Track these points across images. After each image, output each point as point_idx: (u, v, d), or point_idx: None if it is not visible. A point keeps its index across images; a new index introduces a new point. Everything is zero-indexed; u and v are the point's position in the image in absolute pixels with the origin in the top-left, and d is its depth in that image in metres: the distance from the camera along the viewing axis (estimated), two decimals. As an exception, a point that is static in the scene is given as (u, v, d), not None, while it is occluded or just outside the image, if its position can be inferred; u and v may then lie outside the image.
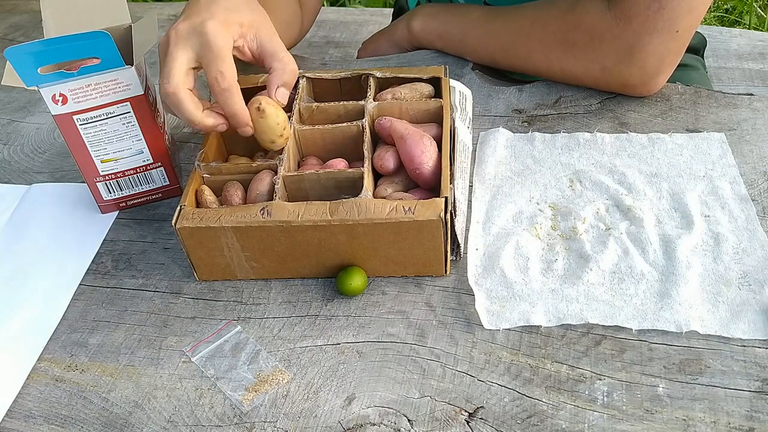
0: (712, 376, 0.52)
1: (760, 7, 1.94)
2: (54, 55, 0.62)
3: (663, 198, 0.66)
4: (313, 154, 0.70)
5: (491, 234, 0.64)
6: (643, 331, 0.56)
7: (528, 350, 0.56)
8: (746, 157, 0.70)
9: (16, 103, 0.93)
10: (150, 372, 0.58)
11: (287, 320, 0.60)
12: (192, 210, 0.61)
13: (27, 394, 0.57)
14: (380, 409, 0.53)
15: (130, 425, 0.54)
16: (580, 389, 0.53)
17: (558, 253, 0.62)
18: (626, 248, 0.61)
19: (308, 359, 0.57)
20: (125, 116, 0.67)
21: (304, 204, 0.60)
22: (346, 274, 0.60)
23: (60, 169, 0.81)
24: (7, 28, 1.13)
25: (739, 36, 0.88)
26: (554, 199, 0.67)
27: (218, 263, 0.63)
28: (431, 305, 0.60)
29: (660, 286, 0.58)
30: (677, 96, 0.78)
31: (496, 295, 0.59)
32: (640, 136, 0.73)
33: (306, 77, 0.75)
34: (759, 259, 0.59)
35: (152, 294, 0.64)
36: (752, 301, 0.56)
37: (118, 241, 0.70)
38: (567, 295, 0.58)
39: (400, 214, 0.58)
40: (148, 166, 0.71)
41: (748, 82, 0.80)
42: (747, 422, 0.49)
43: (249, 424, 0.53)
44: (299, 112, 0.71)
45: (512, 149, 0.73)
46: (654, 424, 0.50)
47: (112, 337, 0.61)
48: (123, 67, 0.64)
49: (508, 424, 0.51)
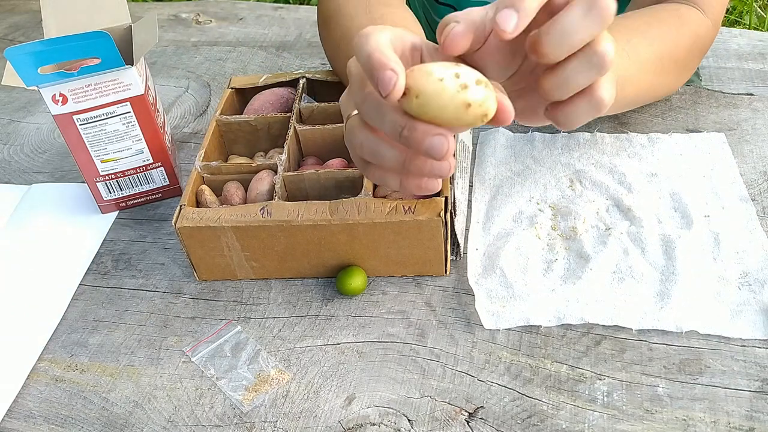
0: (712, 376, 0.52)
1: (760, 7, 1.94)
2: (54, 55, 0.62)
3: (663, 198, 0.66)
4: (313, 154, 0.70)
5: (491, 234, 0.64)
6: (643, 331, 0.56)
7: (528, 350, 0.56)
8: (746, 157, 0.70)
9: (16, 103, 0.93)
10: (150, 372, 0.58)
11: (287, 320, 0.60)
12: (192, 210, 0.61)
13: (27, 394, 0.57)
14: (380, 409, 0.53)
15: (130, 425, 0.54)
16: (580, 389, 0.53)
17: (558, 253, 0.62)
18: (626, 248, 0.61)
19: (308, 359, 0.57)
20: (125, 116, 0.67)
21: (304, 204, 0.60)
22: (346, 274, 0.60)
23: (60, 169, 0.81)
24: (7, 28, 1.13)
25: (739, 36, 0.88)
26: (554, 199, 0.67)
27: (218, 263, 0.63)
28: (431, 305, 0.60)
29: (660, 286, 0.58)
30: (677, 96, 0.78)
31: (496, 295, 0.59)
32: (640, 136, 0.73)
33: (306, 77, 0.75)
34: (759, 259, 0.59)
35: (152, 294, 0.64)
36: (752, 301, 0.56)
37: (118, 241, 0.70)
38: (567, 295, 0.58)
39: (400, 213, 0.58)
40: (148, 166, 0.71)
41: (748, 82, 0.80)
42: (747, 422, 0.49)
43: (249, 424, 0.53)
44: (299, 112, 0.71)
45: (512, 149, 0.73)
46: (654, 424, 0.50)
47: (112, 337, 0.61)
48: (123, 67, 0.64)
49: (508, 424, 0.51)
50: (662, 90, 0.71)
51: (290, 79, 0.75)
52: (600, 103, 0.45)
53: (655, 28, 0.65)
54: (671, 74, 0.69)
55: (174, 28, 1.07)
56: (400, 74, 0.41)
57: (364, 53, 0.43)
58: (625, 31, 0.64)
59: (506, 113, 0.43)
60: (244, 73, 0.94)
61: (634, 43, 0.63)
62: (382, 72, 0.41)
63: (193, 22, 1.08)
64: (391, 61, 0.42)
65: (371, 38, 0.43)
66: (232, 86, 0.75)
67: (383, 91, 0.41)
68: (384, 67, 0.41)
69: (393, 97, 0.42)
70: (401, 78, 0.41)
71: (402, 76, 0.42)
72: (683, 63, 0.69)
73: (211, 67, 0.96)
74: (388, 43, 0.44)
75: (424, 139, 0.43)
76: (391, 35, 0.45)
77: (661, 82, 0.69)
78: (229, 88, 0.75)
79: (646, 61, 0.64)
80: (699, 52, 0.70)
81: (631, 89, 0.64)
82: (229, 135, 0.72)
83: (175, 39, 1.04)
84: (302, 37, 1.01)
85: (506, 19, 0.41)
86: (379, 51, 0.42)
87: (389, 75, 0.41)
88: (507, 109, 0.43)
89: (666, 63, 0.66)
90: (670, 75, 0.69)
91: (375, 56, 0.42)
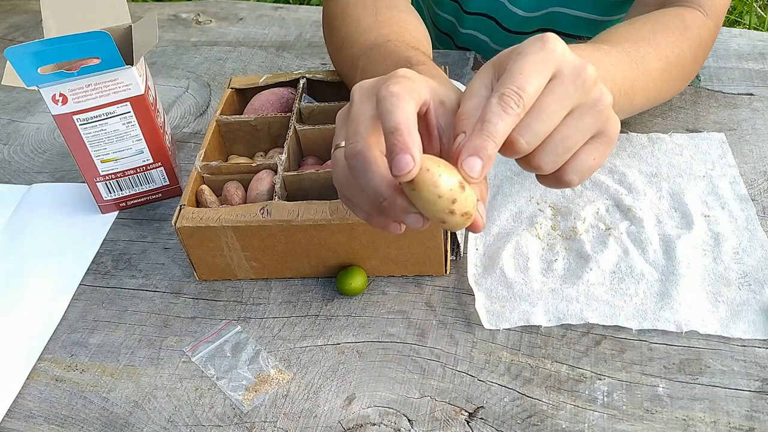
0: (712, 376, 0.52)
1: (760, 7, 1.94)
2: (54, 55, 0.62)
3: (663, 198, 0.66)
4: (313, 154, 0.70)
5: (491, 234, 0.64)
6: (643, 331, 0.56)
7: (528, 350, 0.56)
8: (746, 157, 0.70)
9: (16, 103, 0.93)
10: (150, 372, 0.58)
11: (287, 320, 0.60)
12: (192, 210, 0.61)
13: (27, 394, 0.57)
14: (380, 409, 0.53)
15: (130, 425, 0.54)
16: (580, 389, 0.53)
17: (558, 253, 0.62)
18: (626, 248, 0.61)
19: (308, 359, 0.57)
20: (125, 116, 0.67)
21: (304, 203, 0.60)
22: (346, 274, 0.60)
23: (60, 169, 0.81)
24: (7, 28, 1.13)
25: (739, 36, 0.88)
26: (554, 199, 0.67)
27: (218, 263, 0.63)
28: (431, 305, 0.60)
29: (660, 286, 0.58)
30: (677, 96, 0.78)
31: (496, 295, 0.59)
32: (640, 136, 0.73)
33: (306, 77, 0.75)
34: (759, 259, 0.59)
35: (152, 294, 0.64)
36: (752, 301, 0.56)
37: (118, 241, 0.70)
38: (567, 295, 0.58)
39: (400, 214, 0.58)
40: (148, 166, 0.71)
41: (748, 82, 0.80)
42: (747, 422, 0.49)
43: (249, 424, 0.53)
44: (299, 112, 0.71)
45: (512, 149, 0.73)
46: (654, 424, 0.50)
47: (112, 337, 0.61)
48: (123, 67, 0.64)
49: (508, 424, 0.51)
50: (668, 95, 0.71)
51: (290, 79, 0.75)
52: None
53: (661, 35, 0.66)
54: (678, 81, 0.69)
55: (174, 28, 1.07)
56: (417, 164, 0.41)
57: (392, 122, 0.42)
58: (632, 39, 0.64)
59: (477, 227, 0.45)
60: (244, 73, 0.94)
61: (642, 52, 0.63)
62: (403, 156, 0.41)
63: (193, 22, 1.08)
64: (413, 146, 0.41)
65: (401, 106, 0.42)
66: (232, 86, 0.75)
67: (395, 172, 0.41)
68: (406, 150, 0.41)
69: (398, 180, 0.42)
70: (416, 169, 0.41)
71: (417, 168, 0.41)
72: (689, 69, 0.69)
73: (211, 67, 0.96)
74: (414, 116, 0.43)
75: (401, 214, 0.44)
76: (418, 101, 0.45)
77: (668, 89, 0.69)
78: (229, 88, 0.75)
79: (655, 70, 0.64)
80: (702, 55, 0.70)
81: (640, 100, 0.65)
82: (229, 135, 0.72)
83: (175, 39, 1.04)
84: (302, 37, 1.01)
85: (473, 166, 0.43)
86: (407, 129, 0.42)
87: (408, 161, 0.41)
88: (479, 224, 0.45)
89: (673, 70, 0.66)
90: (677, 81, 0.69)
91: (401, 134, 0.41)
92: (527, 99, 0.43)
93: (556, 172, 0.47)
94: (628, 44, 0.63)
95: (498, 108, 0.42)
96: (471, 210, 0.43)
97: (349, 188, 0.47)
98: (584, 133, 0.46)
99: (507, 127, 0.42)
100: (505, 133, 0.43)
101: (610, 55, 0.60)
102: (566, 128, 0.45)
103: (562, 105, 0.44)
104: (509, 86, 0.43)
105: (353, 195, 0.47)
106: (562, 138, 0.45)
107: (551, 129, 0.44)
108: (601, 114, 0.45)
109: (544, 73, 0.44)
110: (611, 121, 0.47)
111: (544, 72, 0.44)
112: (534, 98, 0.43)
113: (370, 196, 0.45)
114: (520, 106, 0.42)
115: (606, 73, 0.58)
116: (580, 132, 0.45)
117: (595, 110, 0.45)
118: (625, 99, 0.62)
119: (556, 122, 0.44)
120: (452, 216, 0.43)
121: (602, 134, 0.46)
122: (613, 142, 0.47)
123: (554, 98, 0.44)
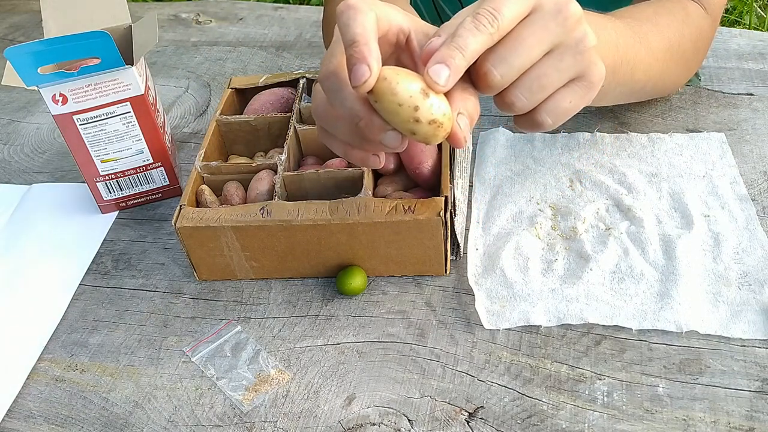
0: (712, 376, 0.52)
1: (760, 7, 1.94)
2: (54, 55, 0.62)
3: (663, 198, 0.66)
4: (313, 154, 0.70)
5: (491, 234, 0.64)
6: (643, 331, 0.56)
7: (528, 350, 0.56)
8: (746, 157, 0.70)
9: (16, 103, 0.93)
10: (150, 372, 0.58)
11: (287, 320, 0.60)
12: (192, 210, 0.61)
13: (27, 394, 0.57)
14: (380, 409, 0.53)
15: (130, 425, 0.54)
16: (580, 389, 0.53)
17: (558, 253, 0.62)
18: (626, 248, 0.61)
19: (308, 359, 0.57)
20: (125, 116, 0.67)
21: (304, 203, 0.60)
22: (346, 274, 0.60)
23: (60, 169, 0.81)
24: (7, 28, 1.13)
25: (739, 36, 0.88)
26: (554, 199, 0.67)
27: (218, 263, 0.63)
28: (431, 305, 0.60)
29: (660, 286, 0.58)
30: (677, 96, 0.78)
31: (496, 295, 0.59)
32: (640, 136, 0.73)
33: (306, 77, 0.75)
34: (759, 259, 0.59)
35: (152, 294, 0.64)
36: (752, 301, 0.56)
37: (118, 241, 0.70)
38: (567, 295, 0.58)
39: (400, 213, 0.58)
40: (148, 166, 0.71)
41: (748, 82, 0.80)
42: (747, 422, 0.49)
43: (249, 424, 0.53)
44: (299, 112, 0.71)
45: (512, 149, 0.73)
46: (654, 424, 0.50)
47: (112, 337, 0.61)
48: (123, 67, 0.64)
49: (508, 424, 0.51)
50: (669, 81, 0.70)
51: (290, 79, 0.75)
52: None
53: (664, 18, 0.65)
54: (679, 66, 0.68)
55: (174, 28, 1.07)
56: (373, 73, 0.41)
57: (349, 35, 0.42)
58: (635, 17, 0.63)
59: (458, 141, 0.44)
60: (244, 73, 0.94)
61: (644, 30, 0.62)
62: (360, 65, 0.41)
63: (193, 22, 1.08)
64: (370, 56, 0.41)
65: (359, 18, 0.42)
66: (232, 86, 0.75)
67: (353, 83, 0.41)
68: (362, 60, 0.41)
69: (359, 92, 0.42)
70: (373, 78, 0.41)
71: (374, 77, 0.41)
72: (689, 56, 0.69)
73: (211, 67, 0.96)
74: (373, 28, 0.43)
75: (379, 133, 0.44)
76: (379, 14, 0.44)
77: (669, 72, 0.68)
78: (229, 88, 0.75)
79: (657, 49, 0.63)
80: (702, 47, 0.70)
81: (642, 75, 0.63)
82: (229, 135, 0.72)
83: (175, 39, 1.04)
84: (302, 37, 1.01)
85: (438, 72, 0.42)
86: (364, 39, 0.42)
87: (364, 71, 0.41)
88: (458, 137, 0.44)
89: (675, 53, 0.66)
90: (678, 66, 0.69)
91: (358, 45, 0.41)
92: (502, 21, 0.42)
93: (530, 113, 0.45)
94: (631, 20, 0.62)
95: (471, 25, 0.42)
96: (440, 118, 0.42)
97: (326, 118, 0.47)
98: (563, 73, 0.44)
99: (478, 44, 0.42)
100: (475, 50, 0.42)
101: (614, 23, 0.59)
102: (544, 66, 0.43)
103: (539, 39, 0.43)
104: (485, 6, 0.42)
105: (331, 125, 0.47)
106: (539, 75, 0.43)
107: (527, 64, 0.43)
108: (582, 56, 0.44)
109: (523, 2, 0.43)
110: (593, 66, 0.45)
111: (523, 1, 0.43)
112: (510, 24, 0.42)
113: (347, 119, 0.45)
114: (494, 27, 0.42)
115: (608, 38, 0.56)
116: (558, 71, 0.44)
117: (576, 51, 0.44)
118: (626, 69, 0.60)
119: (534, 58, 0.43)
120: (419, 125, 0.42)
121: (582, 78, 0.45)
122: (593, 87, 0.46)
123: (532, 30, 0.43)
